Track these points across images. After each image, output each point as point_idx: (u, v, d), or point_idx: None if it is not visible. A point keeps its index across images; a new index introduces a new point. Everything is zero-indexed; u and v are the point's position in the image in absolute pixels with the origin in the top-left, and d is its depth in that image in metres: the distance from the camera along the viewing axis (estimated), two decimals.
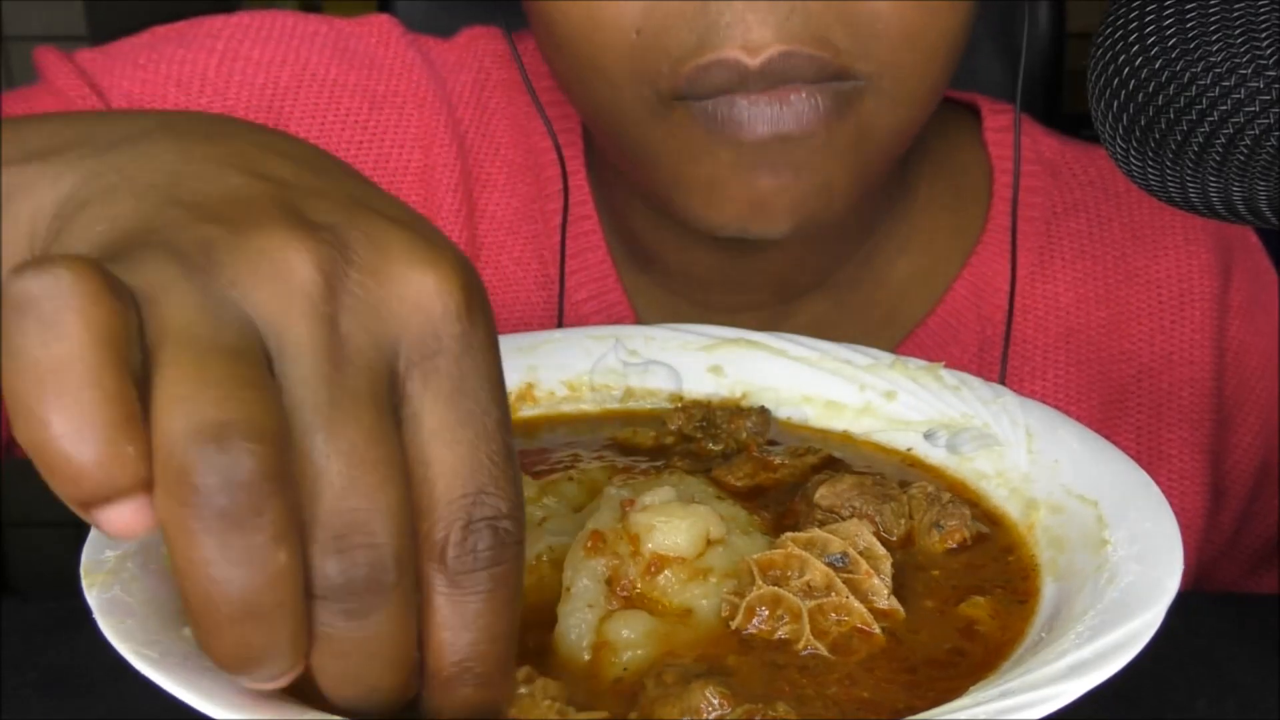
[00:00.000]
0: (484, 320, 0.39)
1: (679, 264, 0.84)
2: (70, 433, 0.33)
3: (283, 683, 0.38)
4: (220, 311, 0.36)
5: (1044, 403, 0.86)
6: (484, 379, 0.39)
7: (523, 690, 0.45)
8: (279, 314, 0.36)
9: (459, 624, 0.38)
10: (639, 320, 0.87)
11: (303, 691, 0.48)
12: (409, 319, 0.38)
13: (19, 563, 2.26)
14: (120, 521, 0.35)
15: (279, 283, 0.36)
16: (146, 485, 0.34)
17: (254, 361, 0.36)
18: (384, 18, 0.89)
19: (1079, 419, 0.86)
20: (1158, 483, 0.89)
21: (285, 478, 0.35)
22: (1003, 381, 0.84)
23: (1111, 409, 0.89)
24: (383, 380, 0.37)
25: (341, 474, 0.36)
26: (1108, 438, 0.77)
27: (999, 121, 0.90)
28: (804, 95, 0.67)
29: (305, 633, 0.37)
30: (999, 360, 0.86)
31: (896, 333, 0.87)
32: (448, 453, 0.38)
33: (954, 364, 0.85)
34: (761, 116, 0.67)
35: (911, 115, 0.73)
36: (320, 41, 0.86)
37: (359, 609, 0.37)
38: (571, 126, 0.87)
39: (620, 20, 0.68)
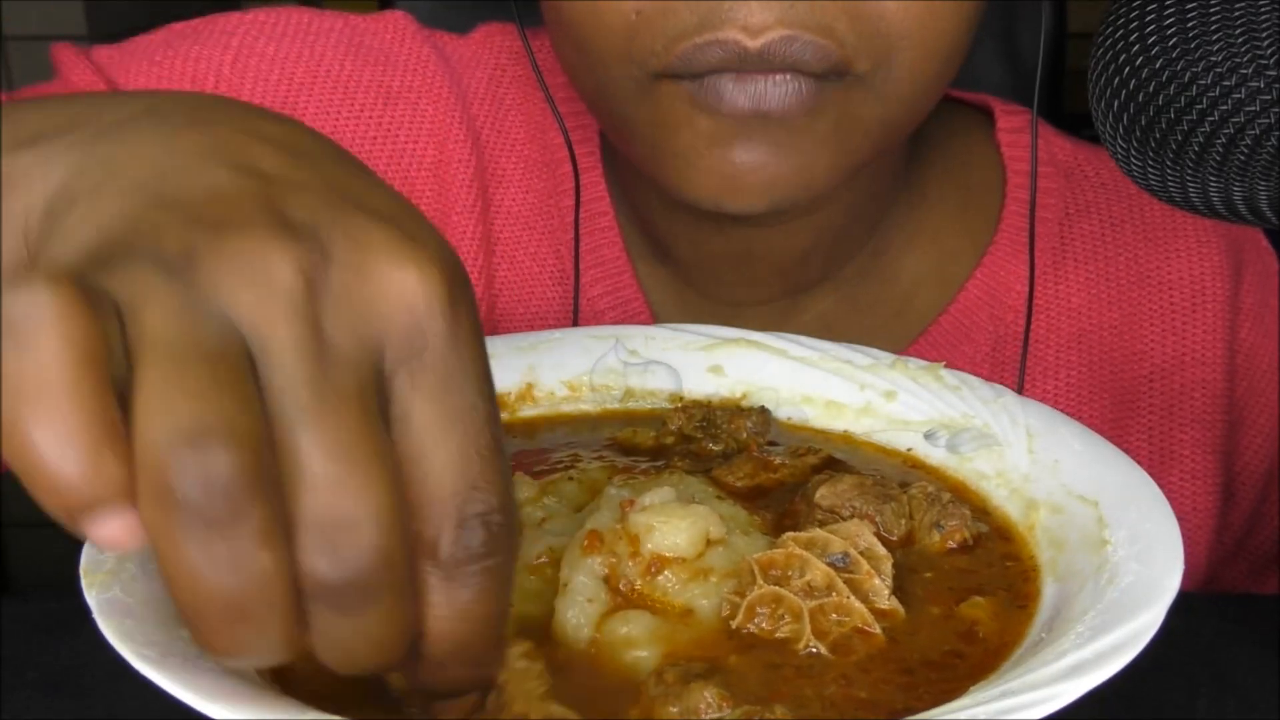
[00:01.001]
0: (467, 313, 0.39)
1: (692, 256, 0.85)
2: (51, 447, 0.34)
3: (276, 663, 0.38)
4: (201, 317, 0.36)
5: (1055, 403, 0.86)
6: (470, 374, 0.39)
7: (521, 664, 0.46)
8: (261, 317, 0.36)
9: (453, 614, 0.39)
10: (654, 314, 0.87)
11: (301, 690, 0.48)
12: (392, 317, 0.38)
13: (19, 563, 2.26)
14: (108, 532, 0.35)
15: (260, 286, 0.36)
16: (129, 494, 0.35)
17: (233, 365, 0.36)
18: (399, 14, 0.90)
19: (1090, 420, 0.86)
20: (1169, 483, 0.89)
21: (266, 480, 0.35)
22: (1021, 382, 0.85)
23: (1123, 410, 0.89)
24: (368, 379, 0.38)
25: (327, 473, 0.36)
26: (1119, 438, 0.77)
27: (1012, 123, 0.91)
28: (789, 78, 0.67)
29: (296, 623, 0.37)
30: (1013, 361, 0.87)
31: (908, 330, 0.88)
32: (438, 450, 0.38)
33: (967, 364, 0.85)
34: (744, 91, 0.68)
35: (901, 112, 0.73)
36: (335, 37, 0.87)
37: (350, 605, 0.37)
38: (588, 122, 0.87)
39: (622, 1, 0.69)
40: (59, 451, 0.34)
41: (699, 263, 0.85)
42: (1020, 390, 0.83)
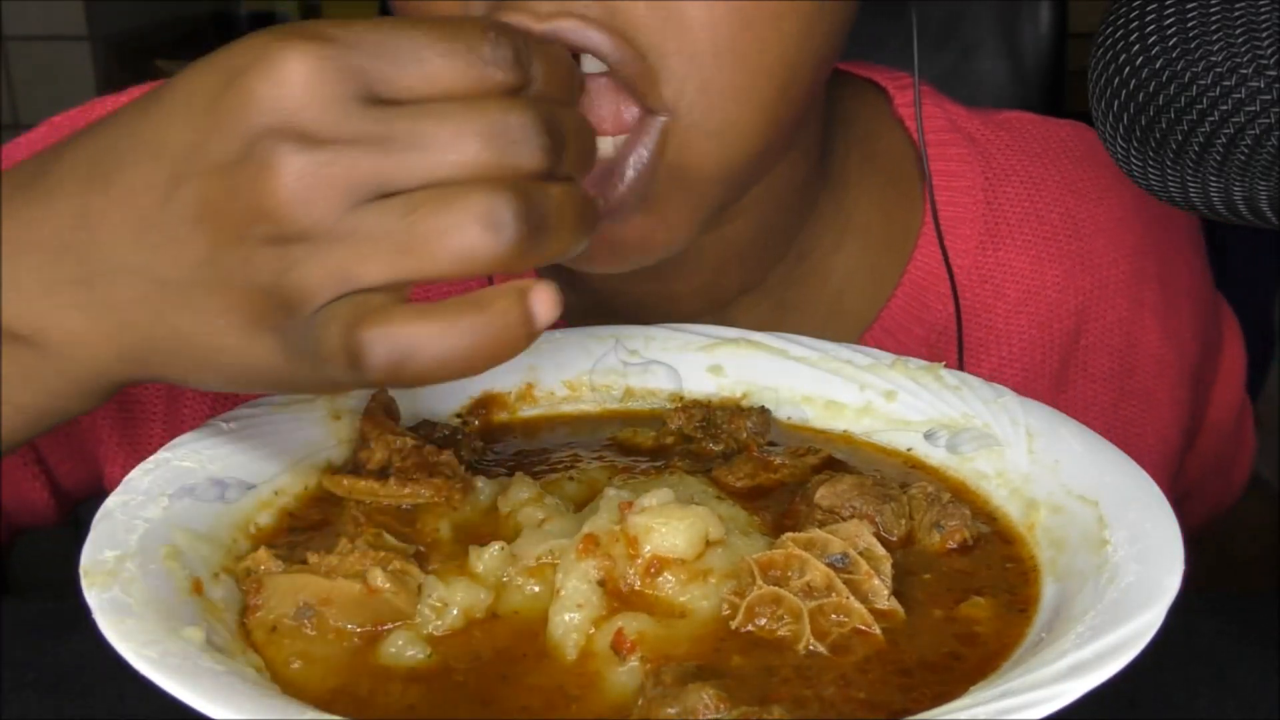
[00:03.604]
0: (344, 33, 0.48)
1: (600, 282, 0.81)
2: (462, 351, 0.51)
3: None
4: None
5: (1005, 370, 0.85)
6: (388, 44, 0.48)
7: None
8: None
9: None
10: None
11: (301, 691, 0.48)
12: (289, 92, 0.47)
13: (19, 563, 2.26)
14: (546, 304, 0.52)
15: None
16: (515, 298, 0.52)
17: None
18: None
19: (1042, 377, 0.85)
20: (1126, 429, 0.88)
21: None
22: (961, 362, 0.84)
23: (1070, 367, 0.88)
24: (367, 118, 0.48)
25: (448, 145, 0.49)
26: (1071, 392, 0.74)
27: (908, 97, 0.88)
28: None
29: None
30: (954, 344, 0.85)
31: (847, 326, 0.86)
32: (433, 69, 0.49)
33: (911, 351, 0.83)
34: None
35: (732, 148, 0.67)
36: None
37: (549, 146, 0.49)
38: None
39: None
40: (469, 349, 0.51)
41: (608, 288, 0.81)
42: (961, 365, 0.82)
